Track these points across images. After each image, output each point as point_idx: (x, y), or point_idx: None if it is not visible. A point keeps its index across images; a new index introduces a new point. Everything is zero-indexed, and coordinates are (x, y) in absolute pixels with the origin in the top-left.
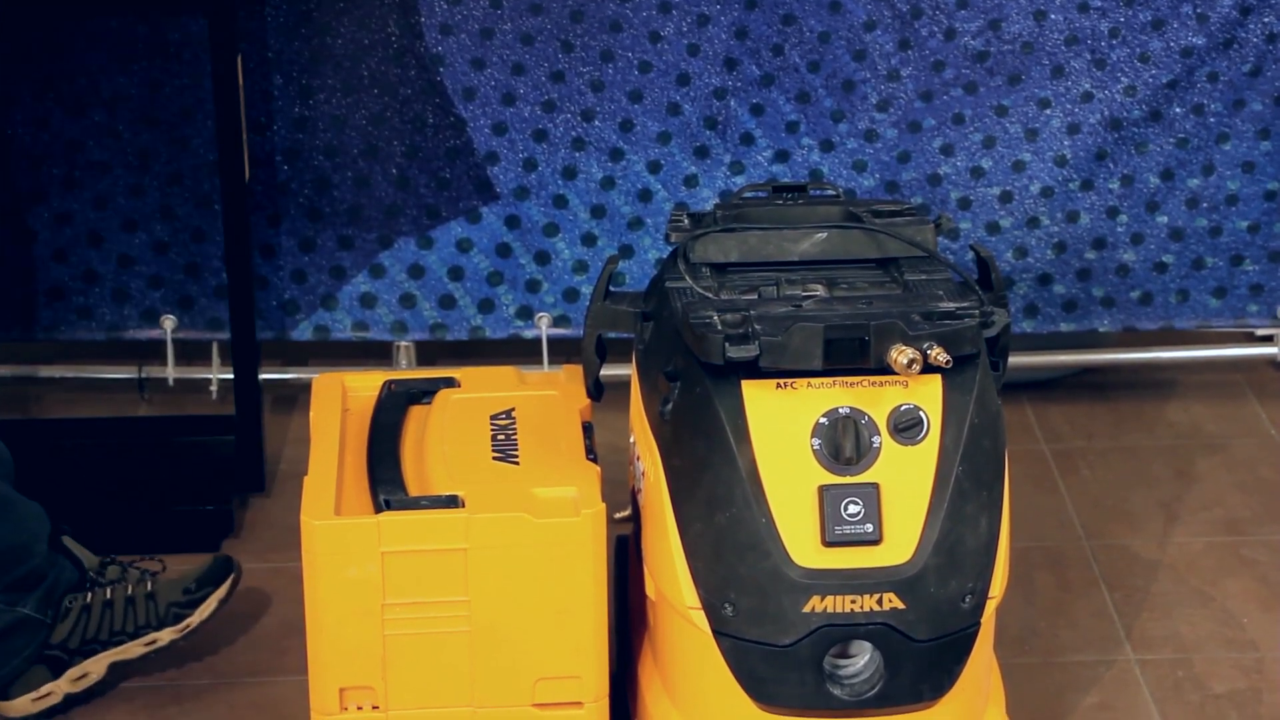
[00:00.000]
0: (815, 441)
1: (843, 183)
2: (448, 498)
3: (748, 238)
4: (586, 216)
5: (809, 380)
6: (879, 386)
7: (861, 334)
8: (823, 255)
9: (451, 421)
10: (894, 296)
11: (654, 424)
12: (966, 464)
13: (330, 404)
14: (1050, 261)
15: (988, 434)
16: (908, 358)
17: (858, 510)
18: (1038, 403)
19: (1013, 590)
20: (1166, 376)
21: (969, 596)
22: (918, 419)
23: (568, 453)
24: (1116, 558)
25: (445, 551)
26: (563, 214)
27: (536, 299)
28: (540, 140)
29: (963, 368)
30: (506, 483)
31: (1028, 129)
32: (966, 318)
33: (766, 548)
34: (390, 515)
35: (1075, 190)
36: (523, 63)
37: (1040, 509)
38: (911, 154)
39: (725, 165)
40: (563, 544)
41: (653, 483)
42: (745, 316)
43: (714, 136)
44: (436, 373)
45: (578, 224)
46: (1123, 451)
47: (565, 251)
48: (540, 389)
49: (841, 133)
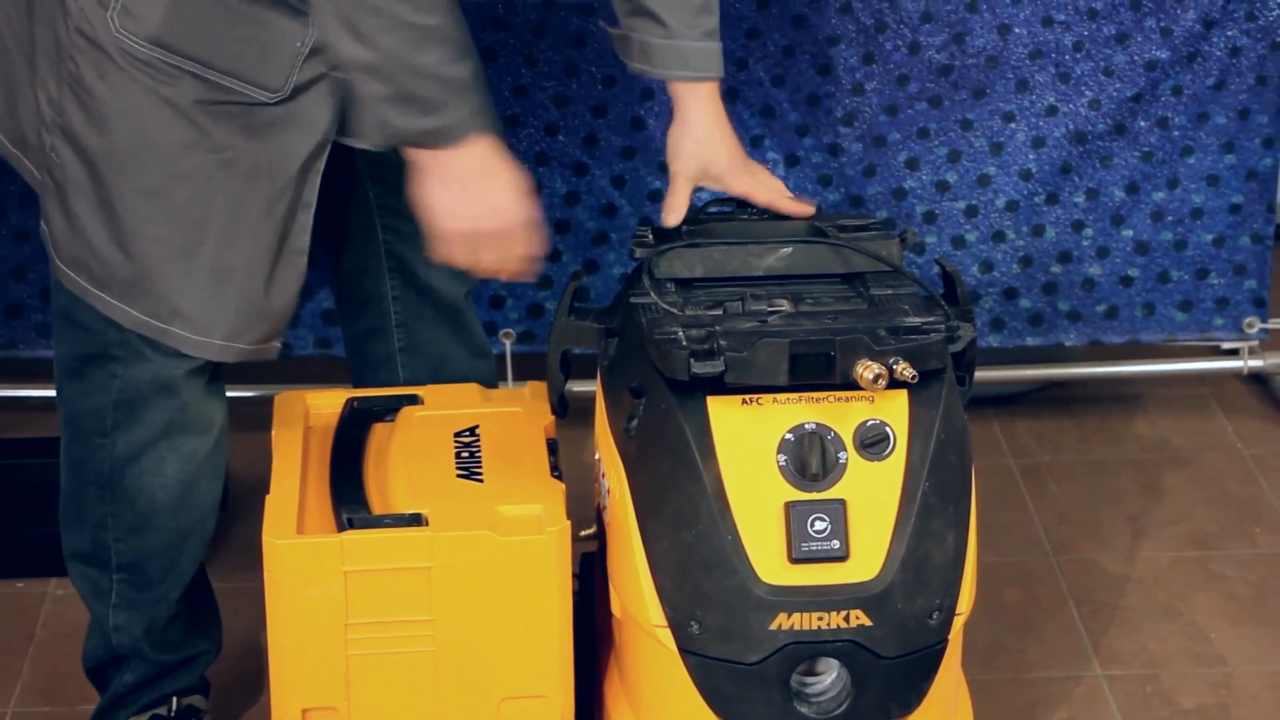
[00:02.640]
0: (781, 457)
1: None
2: (411, 516)
3: (712, 253)
4: (550, 232)
5: (775, 396)
6: (845, 402)
7: (827, 349)
8: (788, 270)
9: (415, 439)
10: (860, 311)
11: (619, 440)
12: (933, 479)
13: (292, 422)
14: (1016, 275)
15: (954, 449)
16: (873, 373)
17: (824, 527)
18: (1004, 418)
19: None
20: (1133, 390)
21: (936, 613)
22: (884, 435)
23: (532, 470)
24: (1084, 573)
25: (409, 570)
26: None
27: (500, 315)
28: None
29: (929, 383)
30: (470, 500)
31: (993, 143)
32: (932, 332)
33: (733, 565)
34: (353, 534)
35: (1041, 204)
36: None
37: (1008, 524)
38: (877, 168)
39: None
40: (527, 562)
41: (618, 500)
42: (710, 332)
43: None
44: (399, 390)
45: None
46: (1090, 466)
47: None
48: (504, 406)
49: (806, 147)
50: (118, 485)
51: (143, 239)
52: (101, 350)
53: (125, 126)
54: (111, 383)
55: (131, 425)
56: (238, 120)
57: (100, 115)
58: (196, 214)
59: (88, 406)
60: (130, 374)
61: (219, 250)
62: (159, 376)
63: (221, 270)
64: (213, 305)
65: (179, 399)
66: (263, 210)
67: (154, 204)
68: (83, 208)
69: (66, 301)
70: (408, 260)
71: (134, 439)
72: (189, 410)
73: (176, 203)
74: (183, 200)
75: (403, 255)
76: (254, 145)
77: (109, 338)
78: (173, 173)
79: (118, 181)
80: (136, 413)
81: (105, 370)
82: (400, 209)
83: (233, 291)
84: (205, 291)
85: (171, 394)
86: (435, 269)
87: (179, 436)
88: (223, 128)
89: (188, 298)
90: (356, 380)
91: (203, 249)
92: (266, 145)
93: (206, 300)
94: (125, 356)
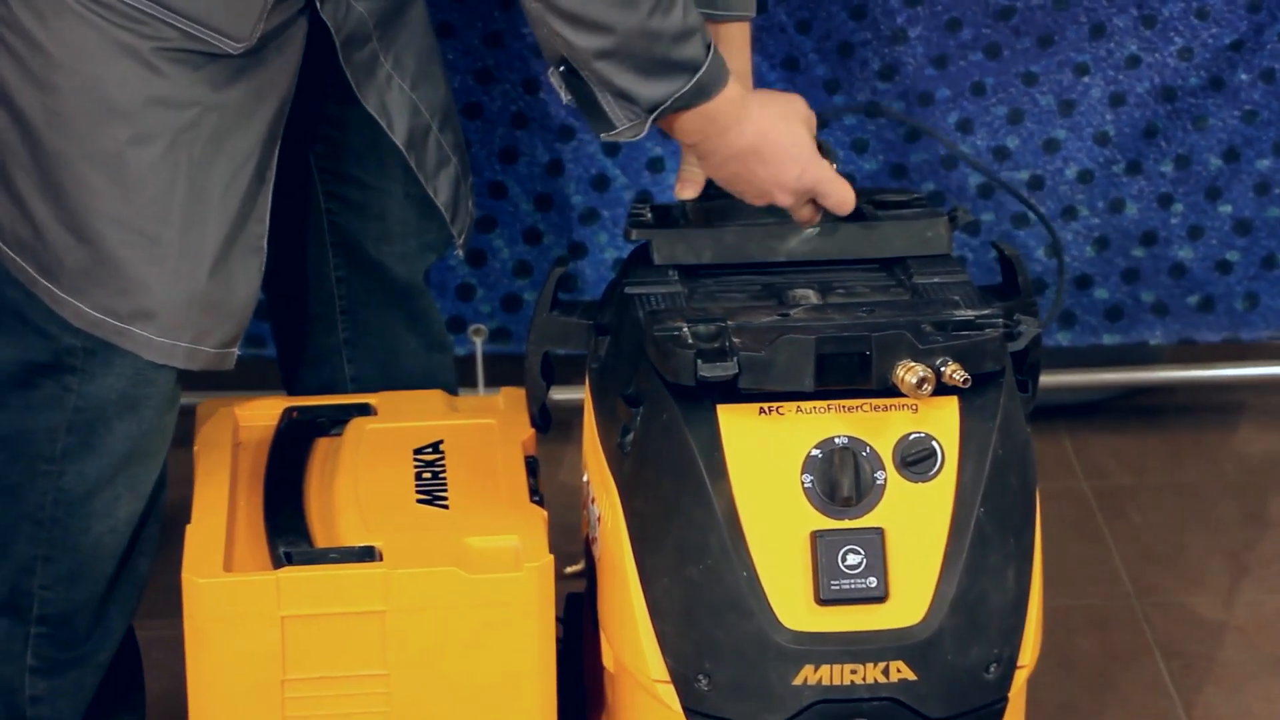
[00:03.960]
0: (806, 478)
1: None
2: (362, 550)
3: (724, 234)
4: (529, 208)
5: (798, 404)
6: (883, 412)
7: (861, 348)
8: (814, 254)
9: (366, 457)
10: (901, 303)
11: (612, 459)
12: (989, 505)
13: (218, 436)
14: (1090, 260)
15: (1015, 469)
16: (917, 376)
17: (858, 561)
18: (1076, 431)
19: (1047, 658)
20: (1232, 399)
21: (994, 665)
22: (930, 450)
23: (507, 494)
24: (1173, 619)
25: (359, 615)
26: (500, 205)
27: (469, 308)
28: (473, 116)
29: (984, 389)
30: (433, 531)
31: (1062, 100)
32: (988, 328)
33: (749, 607)
34: (292, 571)
35: (1120, 174)
36: (451, 22)
37: (1080, 559)
38: (921, 132)
39: None
40: (502, 604)
41: (610, 530)
42: (721, 328)
43: None
44: (348, 398)
45: (518, 217)
46: (1180, 490)
47: (504, 250)
48: (474, 417)
49: (837, 106)
50: (59, 525)
51: (96, 218)
52: (54, 358)
53: (73, 80)
54: (66, 398)
55: (86, 454)
56: (203, 71)
57: (40, 67)
58: (159, 187)
59: (34, 424)
60: (91, 389)
61: (185, 231)
62: (127, 394)
63: (189, 256)
64: (181, 299)
65: (144, 421)
66: (226, 183)
67: (108, 175)
68: (23, 181)
69: (16, 295)
70: (354, 234)
71: (87, 471)
72: (152, 436)
73: (135, 173)
74: (143, 170)
75: (348, 229)
76: (219, 102)
77: (65, 343)
78: (131, 134)
79: (64, 148)
80: (94, 439)
81: (59, 383)
82: (346, 173)
83: (200, 282)
84: (171, 283)
85: (137, 414)
86: (386, 245)
87: (136, 466)
88: (187, 78)
89: (153, 290)
90: (291, 380)
91: (167, 229)
92: (231, 102)
93: (174, 293)
94: (86, 368)
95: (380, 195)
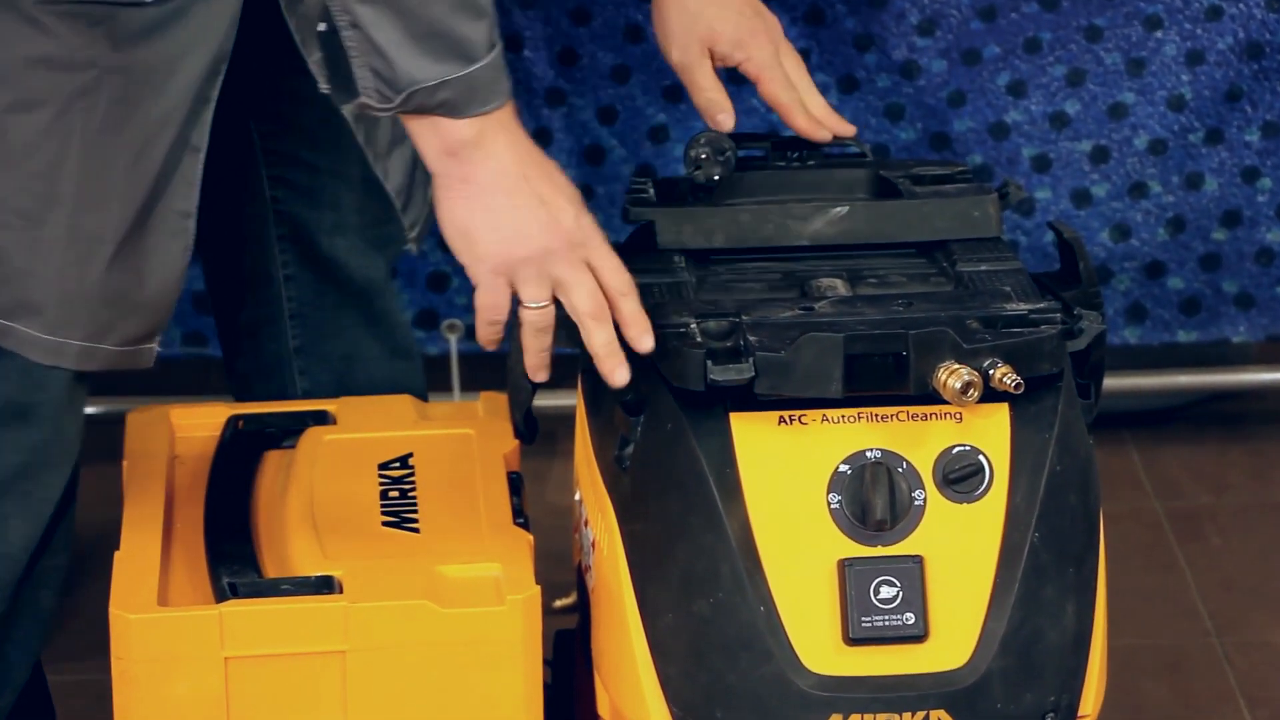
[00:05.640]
0: (833, 498)
1: (870, 135)
2: (318, 580)
3: (738, 214)
4: None
5: (824, 413)
6: (922, 421)
7: (897, 348)
8: (843, 238)
9: (324, 473)
10: (942, 295)
11: (608, 475)
12: (1045, 529)
13: (151, 448)
14: (1162, 245)
15: (1075, 487)
16: (962, 381)
17: (893, 594)
18: (1147, 443)
19: (1114, 705)
20: None
21: (1050, 715)
22: (976, 466)
23: (487, 516)
24: (1259, 660)
25: (315, 656)
26: None
27: (443, 300)
28: None
29: (1039, 394)
30: (401, 558)
31: (1130, 59)
32: (1044, 324)
33: (766, 647)
34: (237, 605)
35: (1198, 144)
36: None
37: (1151, 592)
38: (967, 95)
39: None
40: (481, 643)
41: (607, 557)
42: (735, 324)
43: None
44: (301, 405)
45: None
46: (1267, 510)
47: None
48: (448, 426)
49: (869, 65)
50: None
51: None
52: None
53: None
54: None
55: None
56: (102, 27)
57: None
58: (45, 162)
59: None
60: None
61: (78, 213)
62: (14, 400)
63: (83, 241)
64: (72, 291)
65: (35, 431)
66: (134, 156)
67: None
68: None
69: None
70: (305, 225)
71: None
72: (48, 448)
73: (17, 146)
74: (25, 141)
75: (299, 218)
76: (123, 62)
77: None
78: (10, 100)
79: None
80: None
81: None
82: (295, 155)
83: (98, 271)
84: (61, 272)
85: (28, 423)
86: (341, 237)
87: (29, 483)
88: (81, 37)
89: (37, 281)
90: (241, 394)
91: (55, 212)
92: (141, 63)
93: (63, 284)
94: None
95: (333, 180)
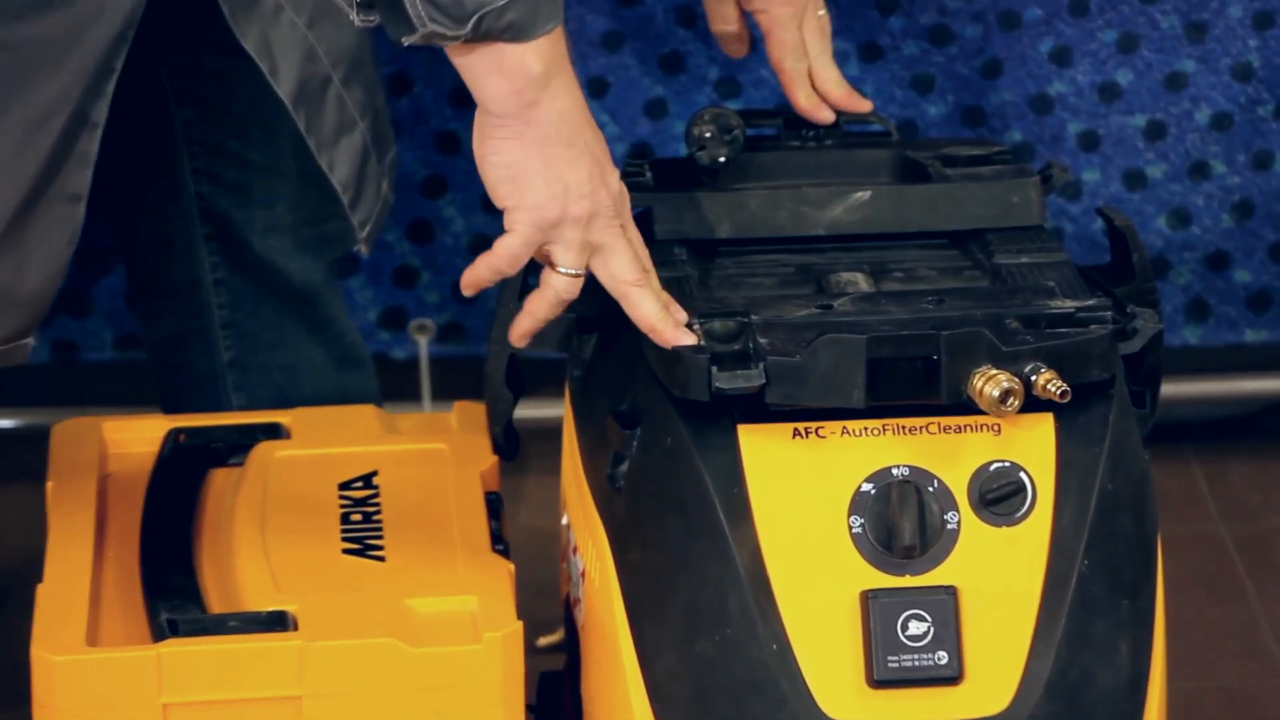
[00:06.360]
0: (855, 521)
1: (896, 110)
2: (271, 615)
3: (747, 200)
4: None
5: (844, 425)
6: (955, 434)
7: (927, 351)
8: (865, 227)
9: (277, 494)
10: (978, 291)
11: (600, 496)
12: (1096, 556)
13: (81, 466)
14: (1227, 233)
15: (1129, 508)
16: (1001, 388)
17: (924, 630)
18: (1211, 458)
19: None
20: None
21: None
22: (1017, 485)
23: (461, 542)
24: None
25: (266, 701)
26: (452, 162)
27: (410, 297)
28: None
29: (1088, 403)
30: (365, 591)
31: (1189, 22)
32: (1093, 324)
33: (780, 690)
34: (177, 645)
35: (1267, 118)
36: None
37: (1217, 626)
38: (1004, 63)
39: (710, 83)
40: (455, 686)
41: (599, 589)
42: (743, 324)
43: (692, 39)
44: (251, 416)
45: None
46: None
47: (456, 221)
48: (418, 441)
49: (894, 31)
50: None
51: None
52: None
53: None
54: None
55: None
56: None
57: None
58: None
59: None
60: None
61: None
62: None
63: None
64: None
65: None
66: (18, 141)
67: None
68: None
69: None
70: (235, 224)
71: None
72: None
73: None
74: None
75: (227, 217)
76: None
77: None
78: None
79: None
80: None
81: None
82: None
83: None
84: None
85: None
86: (275, 238)
87: None
88: None
89: None
90: (167, 411)
91: None
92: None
93: None
94: None
95: (266, 174)
